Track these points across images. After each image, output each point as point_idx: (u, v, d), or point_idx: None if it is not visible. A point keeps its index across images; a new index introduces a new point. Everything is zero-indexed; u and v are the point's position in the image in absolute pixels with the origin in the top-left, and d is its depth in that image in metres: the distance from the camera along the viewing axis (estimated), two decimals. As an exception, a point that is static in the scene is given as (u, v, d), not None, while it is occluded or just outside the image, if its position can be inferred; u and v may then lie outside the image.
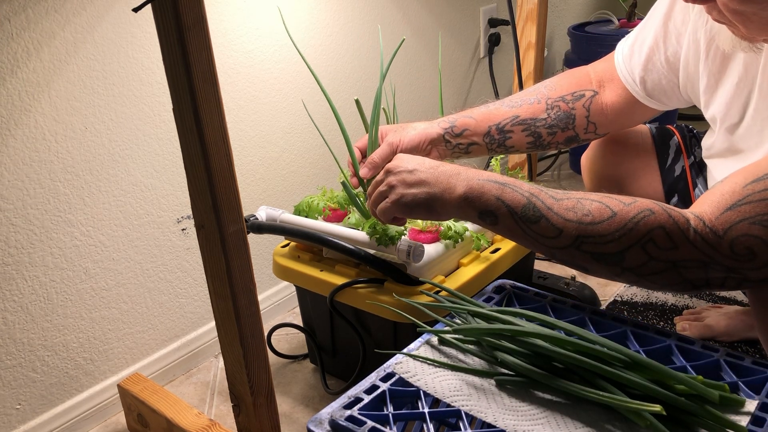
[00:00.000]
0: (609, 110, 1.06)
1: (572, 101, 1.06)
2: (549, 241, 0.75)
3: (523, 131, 1.06)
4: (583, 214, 0.73)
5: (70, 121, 1.08)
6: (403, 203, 0.84)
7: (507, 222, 0.77)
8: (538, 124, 1.05)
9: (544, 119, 1.05)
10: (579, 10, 2.37)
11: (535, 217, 0.75)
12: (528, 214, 0.76)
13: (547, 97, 1.06)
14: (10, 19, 0.98)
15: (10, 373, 1.09)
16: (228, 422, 1.18)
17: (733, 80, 0.88)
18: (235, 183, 0.83)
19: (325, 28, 1.46)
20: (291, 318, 1.50)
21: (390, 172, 0.86)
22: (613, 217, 0.72)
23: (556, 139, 1.07)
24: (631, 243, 0.72)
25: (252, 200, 1.40)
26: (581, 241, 0.73)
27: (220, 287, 0.87)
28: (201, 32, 0.75)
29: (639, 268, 0.72)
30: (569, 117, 1.05)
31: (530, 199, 0.76)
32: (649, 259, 0.72)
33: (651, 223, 0.71)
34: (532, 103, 1.06)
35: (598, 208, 0.73)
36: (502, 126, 1.05)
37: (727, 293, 1.42)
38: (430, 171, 0.83)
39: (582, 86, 1.07)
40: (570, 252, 0.75)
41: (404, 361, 0.80)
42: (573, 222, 0.73)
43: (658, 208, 0.72)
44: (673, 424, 0.66)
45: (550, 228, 0.75)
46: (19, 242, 1.06)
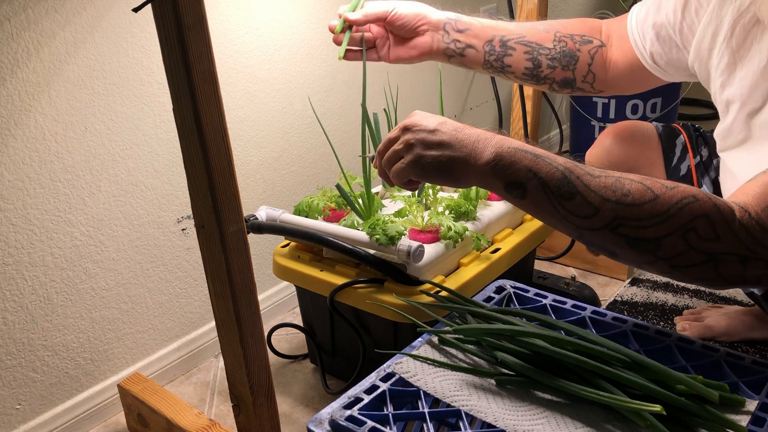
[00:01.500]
0: (611, 67, 1.04)
1: (580, 43, 1.03)
2: (581, 220, 0.69)
3: (525, 53, 1.03)
4: (623, 194, 0.68)
5: (70, 121, 1.08)
6: (421, 165, 0.75)
7: (537, 196, 0.70)
8: (541, 51, 1.02)
9: (549, 49, 1.02)
10: (579, 10, 2.37)
11: (570, 194, 0.68)
12: (562, 190, 0.69)
13: (556, 30, 1.04)
14: (10, 19, 0.98)
15: (10, 373, 1.09)
16: (228, 422, 1.18)
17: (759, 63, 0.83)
18: (235, 183, 0.83)
19: (325, 28, 1.46)
20: (291, 318, 1.50)
21: (408, 129, 0.78)
22: (655, 200, 0.67)
23: (553, 75, 1.05)
24: (671, 230, 0.66)
25: (252, 200, 1.40)
26: (618, 223, 0.68)
27: (220, 287, 0.87)
28: (201, 32, 0.75)
29: (675, 258, 0.68)
30: (573, 57, 1.03)
31: (565, 174, 0.69)
32: (687, 249, 0.67)
33: (695, 211, 0.66)
34: (540, 31, 1.04)
35: (639, 190, 0.68)
36: (506, 40, 1.02)
37: (727, 293, 1.42)
38: (454, 133, 0.75)
39: (592, 33, 1.05)
40: (602, 234, 0.69)
41: (404, 361, 0.80)
42: (611, 201, 0.68)
43: (702, 195, 0.67)
44: (673, 424, 0.66)
45: (585, 206, 0.68)
46: (19, 242, 1.06)
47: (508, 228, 1.22)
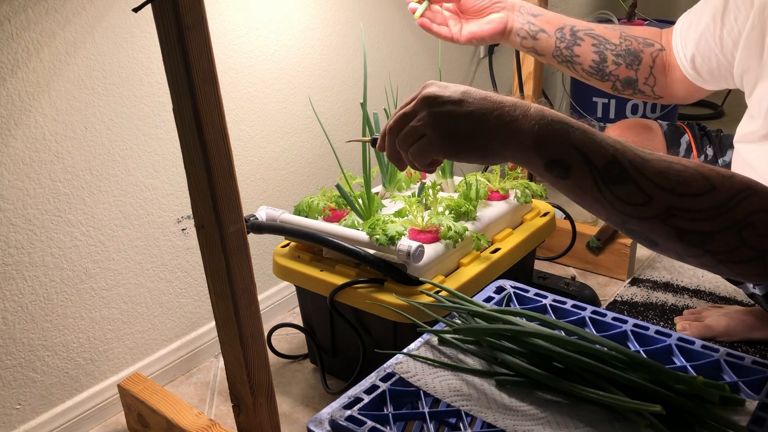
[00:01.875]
0: (668, 72, 1.05)
1: (643, 44, 1.05)
2: (630, 208, 0.63)
3: (593, 45, 1.04)
4: (677, 181, 0.62)
5: (70, 121, 1.08)
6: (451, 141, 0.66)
7: (581, 178, 0.63)
8: (608, 46, 1.04)
9: (615, 45, 1.04)
10: (579, 10, 2.37)
11: (619, 178, 0.62)
12: (612, 172, 0.62)
13: (622, 30, 1.06)
14: (10, 19, 0.98)
15: (10, 373, 1.09)
16: (228, 422, 1.18)
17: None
18: (235, 183, 0.83)
19: (325, 28, 1.46)
20: (291, 318, 1.50)
21: (428, 102, 0.67)
22: (712, 192, 0.61)
23: (618, 72, 1.05)
24: (727, 224, 0.62)
25: (252, 200, 1.40)
26: (671, 213, 0.62)
27: (220, 287, 0.87)
28: (201, 32, 0.75)
29: (726, 253, 0.63)
30: (637, 57, 1.04)
31: (616, 156, 0.62)
32: (741, 245, 0.62)
33: (753, 205, 0.61)
34: (608, 29, 1.06)
35: (696, 178, 0.62)
36: (575, 30, 1.05)
37: (728, 293, 1.43)
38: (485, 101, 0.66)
39: (654, 37, 1.07)
40: (651, 224, 0.63)
41: (404, 361, 0.80)
42: (664, 190, 0.61)
43: (761, 189, 0.63)
44: (673, 423, 0.66)
45: (636, 194, 0.62)
46: (19, 242, 1.06)
47: (508, 228, 1.22)
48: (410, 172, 1.32)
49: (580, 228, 1.53)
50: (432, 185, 1.16)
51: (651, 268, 1.55)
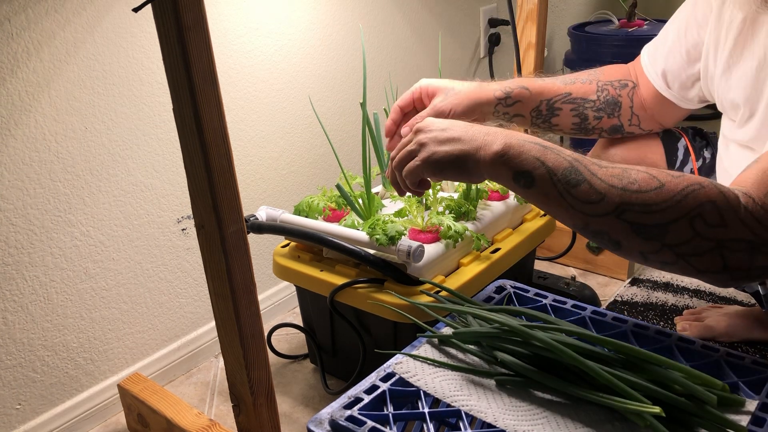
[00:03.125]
0: (646, 104, 1.08)
1: (619, 88, 1.07)
2: (588, 206, 0.70)
3: (572, 110, 1.05)
4: (629, 181, 0.69)
5: (70, 121, 1.08)
6: (433, 161, 0.78)
7: (544, 185, 0.72)
8: (587, 105, 1.06)
9: (593, 101, 1.05)
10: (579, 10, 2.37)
11: (577, 181, 0.70)
12: (569, 177, 0.70)
13: (597, 80, 1.07)
14: (10, 19, 0.98)
15: (10, 373, 1.09)
16: (228, 422, 1.18)
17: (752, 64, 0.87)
18: (235, 183, 0.83)
19: (325, 28, 1.46)
20: (291, 318, 1.50)
21: (421, 130, 0.81)
22: (661, 188, 0.68)
23: (601, 125, 1.07)
24: (678, 216, 0.67)
25: (252, 200, 1.40)
26: (624, 209, 0.68)
27: (220, 287, 0.87)
28: (201, 32, 0.75)
29: (681, 245, 0.68)
30: (616, 103, 1.06)
31: (573, 163, 0.71)
32: (694, 236, 0.67)
33: (701, 197, 0.67)
34: (584, 83, 1.06)
35: (646, 178, 0.69)
36: (552, 102, 1.05)
37: (728, 293, 1.43)
38: (464, 128, 0.78)
39: (626, 76, 1.08)
40: (608, 221, 0.70)
41: (404, 361, 0.80)
42: (617, 188, 0.69)
43: (708, 183, 0.68)
44: (673, 424, 0.66)
45: (591, 192, 0.70)
46: (19, 242, 1.06)
47: (508, 228, 1.22)
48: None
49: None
50: (432, 185, 1.16)
51: (651, 268, 1.55)
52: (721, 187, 0.69)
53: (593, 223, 0.71)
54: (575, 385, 0.71)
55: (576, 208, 0.71)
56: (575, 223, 0.73)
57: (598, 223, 0.71)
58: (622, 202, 0.69)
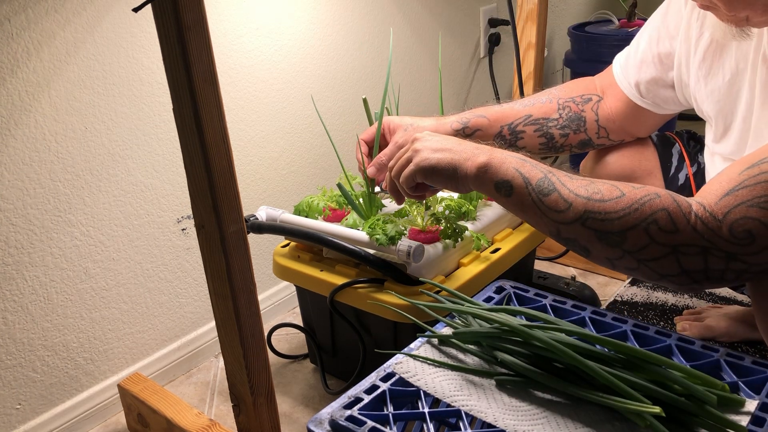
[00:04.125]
0: (615, 116, 1.09)
1: (581, 103, 1.08)
2: (557, 214, 0.76)
3: (535, 131, 1.08)
4: (593, 191, 0.75)
5: (70, 121, 1.08)
6: (426, 166, 0.85)
7: (521, 193, 0.78)
8: (550, 125, 1.08)
9: (556, 119, 1.08)
10: (579, 10, 2.37)
11: (548, 190, 0.76)
12: (542, 186, 0.77)
13: (558, 98, 1.09)
14: (10, 19, 0.98)
15: (10, 373, 1.09)
16: (228, 422, 1.18)
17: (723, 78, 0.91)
18: (235, 183, 0.83)
19: (325, 28, 1.46)
20: (291, 318, 1.50)
21: (417, 140, 0.88)
22: (621, 197, 0.74)
23: (569, 142, 1.10)
24: (634, 223, 0.72)
25: (252, 200, 1.40)
26: (587, 216, 0.74)
27: (220, 287, 0.87)
28: (201, 32, 0.75)
29: (639, 251, 0.73)
30: (580, 119, 1.08)
31: (546, 174, 0.78)
32: (650, 242, 0.72)
33: (656, 206, 0.72)
34: (544, 103, 1.08)
35: (609, 189, 0.75)
36: (514, 126, 1.07)
37: (728, 293, 1.42)
38: (457, 142, 0.86)
39: (589, 91, 1.10)
40: (575, 228, 0.75)
41: (404, 361, 0.80)
42: (582, 197, 0.75)
43: (664, 193, 0.74)
44: (673, 424, 0.66)
45: (560, 201, 0.76)
46: (19, 242, 1.06)
47: (508, 228, 1.22)
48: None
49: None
50: (432, 185, 1.16)
51: (651, 268, 1.55)
52: (676, 196, 0.74)
53: (563, 231, 0.77)
54: (575, 385, 0.71)
55: (548, 215, 0.77)
56: (549, 230, 0.78)
57: (567, 230, 0.76)
58: (586, 210, 0.74)
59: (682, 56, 0.99)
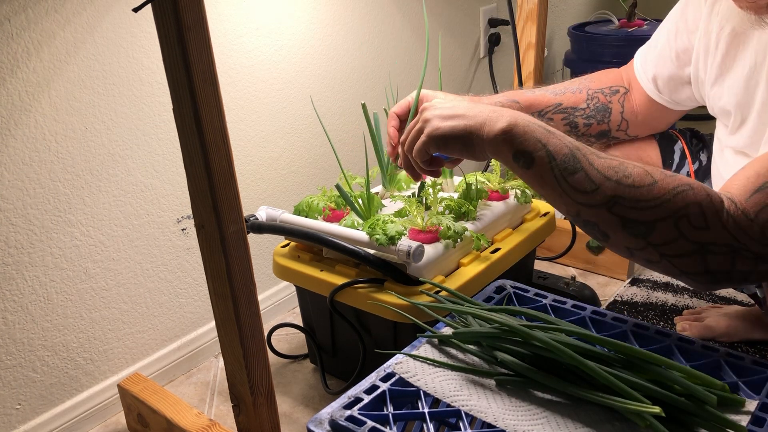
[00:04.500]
0: (637, 110, 1.09)
1: (609, 95, 1.08)
2: (581, 195, 0.72)
3: (563, 119, 1.07)
4: (624, 175, 0.70)
5: (70, 121, 1.08)
6: (438, 135, 0.80)
7: (542, 167, 0.73)
8: (577, 114, 1.07)
9: (583, 109, 1.07)
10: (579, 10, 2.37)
11: (574, 168, 0.71)
12: (567, 164, 0.71)
13: (588, 88, 1.09)
14: (10, 19, 0.98)
15: (10, 373, 1.09)
16: (228, 422, 1.18)
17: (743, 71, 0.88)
18: (235, 183, 0.83)
19: (325, 28, 1.46)
20: (291, 318, 1.50)
21: (426, 109, 0.83)
22: (653, 185, 0.70)
23: (590, 131, 1.09)
24: (665, 215, 0.69)
25: (252, 200, 1.40)
26: (615, 201, 0.70)
27: (220, 287, 0.87)
28: (201, 32, 0.75)
29: (665, 245, 0.69)
30: (606, 110, 1.08)
31: (573, 151, 0.72)
32: (678, 237, 0.69)
33: (689, 198, 0.69)
34: (575, 92, 1.08)
35: (641, 174, 0.71)
36: (544, 113, 1.07)
37: (728, 293, 1.42)
38: (469, 106, 0.80)
39: (617, 82, 1.10)
40: (599, 212, 0.71)
41: (404, 361, 0.80)
42: (612, 180, 0.70)
43: (697, 185, 0.70)
44: (673, 424, 0.66)
45: (586, 181, 0.71)
46: (19, 242, 1.06)
47: (508, 228, 1.22)
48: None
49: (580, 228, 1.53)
50: (432, 185, 1.16)
51: (651, 268, 1.55)
52: (709, 190, 0.70)
53: (584, 213, 0.72)
54: (575, 385, 0.71)
55: (570, 195, 0.72)
56: (568, 210, 0.74)
57: (590, 213, 0.72)
58: (615, 195, 0.70)
59: (701, 51, 0.96)
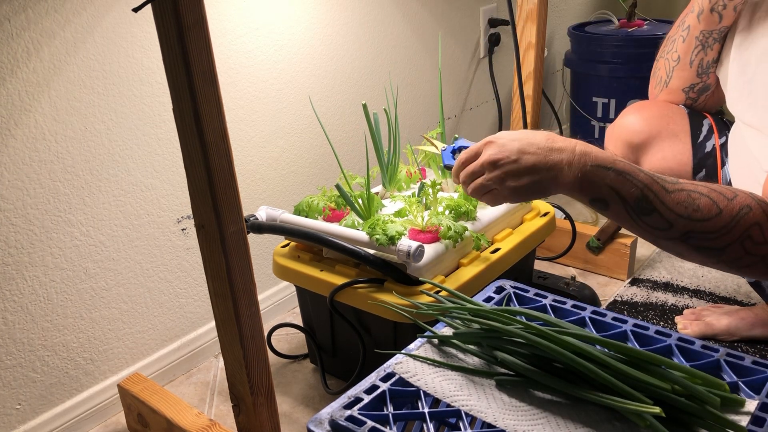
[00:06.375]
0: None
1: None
2: (658, 232, 0.79)
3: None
4: (693, 209, 0.77)
5: (70, 121, 1.08)
6: (517, 194, 0.83)
7: (618, 210, 0.79)
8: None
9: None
10: (579, 10, 2.37)
11: (648, 210, 0.78)
12: (641, 206, 0.78)
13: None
14: (10, 19, 0.98)
15: (10, 373, 1.09)
16: (228, 422, 1.18)
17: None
18: (235, 183, 0.83)
19: (325, 28, 1.46)
20: (291, 318, 1.50)
21: (494, 165, 0.83)
22: (720, 215, 0.76)
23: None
24: (732, 240, 0.77)
25: (252, 200, 1.40)
26: (689, 235, 0.78)
27: (220, 287, 0.87)
28: (201, 32, 0.75)
29: (735, 261, 0.78)
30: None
31: (643, 191, 0.77)
32: (744, 254, 0.77)
33: (750, 221, 0.76)
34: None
35: (707, 204, 0.77)
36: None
37: (728, 293, 1.43)
38: (537, 155, 0.80)
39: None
40: (675, 244, 0.79)
41: (404, 361, 0.80)
42: (683, 218, 0.77)
43: (755, 204, 0.77)
44: (673, 424, 0.66)
45: (661, 221, 0.78)
46: (19, 242, 1.06)
47: (508, 228, 1.22)
48: (410, 172, 1.32)
49: (580, 228, 1.53)
50: (432, 184, 1.16)
51: (651, 268, 1.55)
52: (764, 204, 0.77)
53: (662, 244, 0.81)
54: (575, 385, 0.71)
55: (647, 231, 0.80)
56: (646, 239, 0.81)
57: (667, 245, 0.80)
58: (687, 231, 0.78)
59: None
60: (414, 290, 1.02)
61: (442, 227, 1.08)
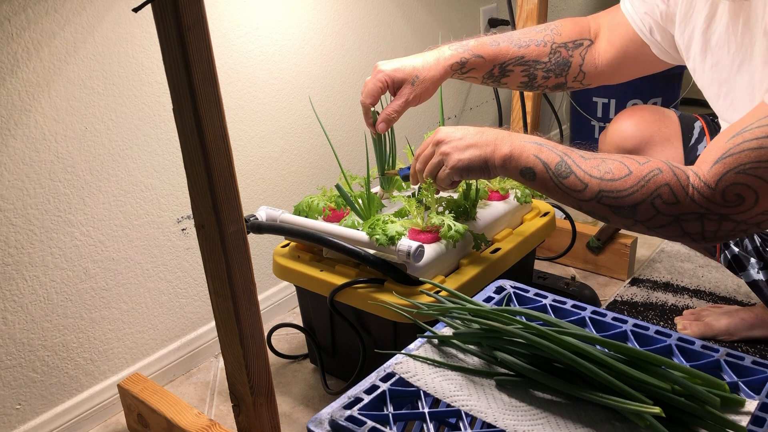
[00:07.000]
0: (600, 60, 1.13)
1: (572, 49, 1.13)
2: (576, 194, 0.85)
3: (522, 72, 1.14)
4: (605, 171, 0.83)
5: (70, 121, 1.08)
6: (461, 167, 0.93)
7: (543, 177, 0.87)
8: (537, 67, 1.13)
9: (545, 63, 1.13)
10: (579, 10, 2.37)
11: (566, 173, 0.85)
12: (560, 170, 0.85)
13: (552, 41, 1.13)
14: (10, 19, 0.98)
15: (10, 373, 1.09)
16: (228, 422, 1.18)
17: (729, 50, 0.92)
18: (235, 183, 0.83)
19: (325, 28, 1.46)
20: (291, 318, 1.50)
21: (440, 142, 0.96)
22: (629, 175, 0.82)
23: (546, 83, 1.16)
24: (642, 198, 0.81)
25: (252, 200, 1.40)
26: (601, 195, 0.83)
27: (220, 287, 0.87)
28: (201, 32, 0.75)
29: (648, 221, 0.82)
30: (566, 64, 1.13)
31: (563, 157, 0.86)
32: (656, 214, 0.81)
33: (659, 181, 0.80)
34: (539, 45, 1.13)
35: (618, 167, 0.83)
36: (505, 65, 1.13)
37: (728, 293, 1.43)
38: (477, 136, 0.93)
39: (582, 35, 1.14)
40: (593, 204, 0.84)
41: (404, 361, 0.80)
42: (596, 178, 0.83)
43: (665, 167, 0.81)
44: (673, 424, 0.66)
45: (577, 182, 0.84)
46: (19, 242, 1.06)
47: (508, 228, 1.22)
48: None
49: (580, 228, 1.53)
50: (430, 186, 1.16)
51: (651, 268, 1.56)
52: (675, 169, 0.81)
53: (583, 206, 0.86)
54: (575, 385, 0.71)
55: (568, 195, 0.86)
56: (571, 205, 0.88)
57: (587, 206, 0.85)
58: (600, 190, 0.83)
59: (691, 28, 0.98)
60: (414, 290, 1.02)
61: (442, 227, 1.08)
